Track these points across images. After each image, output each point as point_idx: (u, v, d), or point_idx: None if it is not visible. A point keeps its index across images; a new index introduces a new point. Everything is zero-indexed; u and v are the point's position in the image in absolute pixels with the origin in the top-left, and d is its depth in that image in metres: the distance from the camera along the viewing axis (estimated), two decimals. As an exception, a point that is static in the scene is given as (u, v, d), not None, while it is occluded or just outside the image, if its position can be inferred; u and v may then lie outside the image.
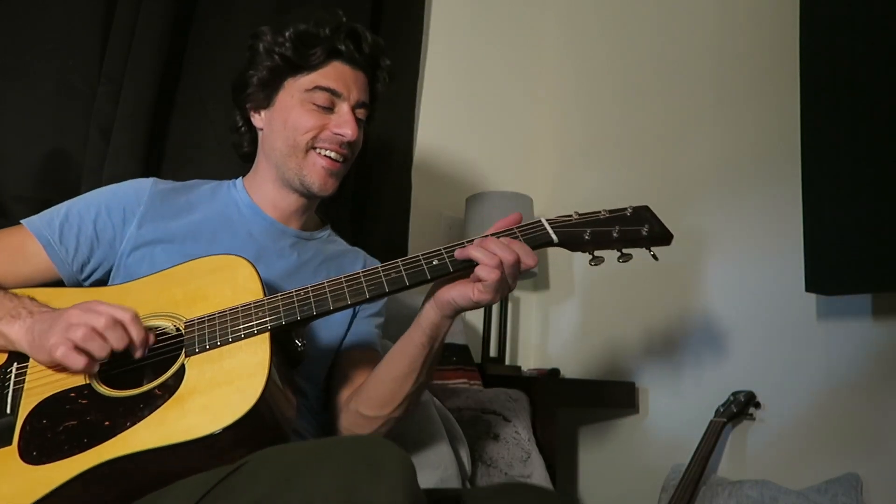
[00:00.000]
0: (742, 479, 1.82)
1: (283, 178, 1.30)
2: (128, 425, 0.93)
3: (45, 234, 1.21)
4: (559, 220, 1.12)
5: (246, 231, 1.30)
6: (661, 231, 1.12)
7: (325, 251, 1.39)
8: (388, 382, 1.16)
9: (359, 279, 1.07)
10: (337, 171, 1.30)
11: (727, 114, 2.11)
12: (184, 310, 1.07)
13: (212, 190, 1.36)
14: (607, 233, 1.10)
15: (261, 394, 0.92)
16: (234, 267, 1.12)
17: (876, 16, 1.67)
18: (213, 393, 0.94)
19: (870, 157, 1.64)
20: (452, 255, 1.06)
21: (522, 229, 1.10)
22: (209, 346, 1.01)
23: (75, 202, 1.26)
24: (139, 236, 1.23)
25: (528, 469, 1.77)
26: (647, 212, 1.14)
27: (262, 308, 1.04)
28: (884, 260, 1.60)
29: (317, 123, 1.27)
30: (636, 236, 1.11)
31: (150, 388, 0.97)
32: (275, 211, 1.34)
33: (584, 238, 1.10)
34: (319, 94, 1.27)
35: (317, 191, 1.29)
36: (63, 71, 1.66)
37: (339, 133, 1.27)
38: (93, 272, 1.25)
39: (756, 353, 1.94)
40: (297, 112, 1.27)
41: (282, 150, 1.28)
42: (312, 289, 1.06)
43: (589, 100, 2.57)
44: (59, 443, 0.93)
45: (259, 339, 1.01)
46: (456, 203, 2.36)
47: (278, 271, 1.28)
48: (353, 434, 1.21)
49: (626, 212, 1.14)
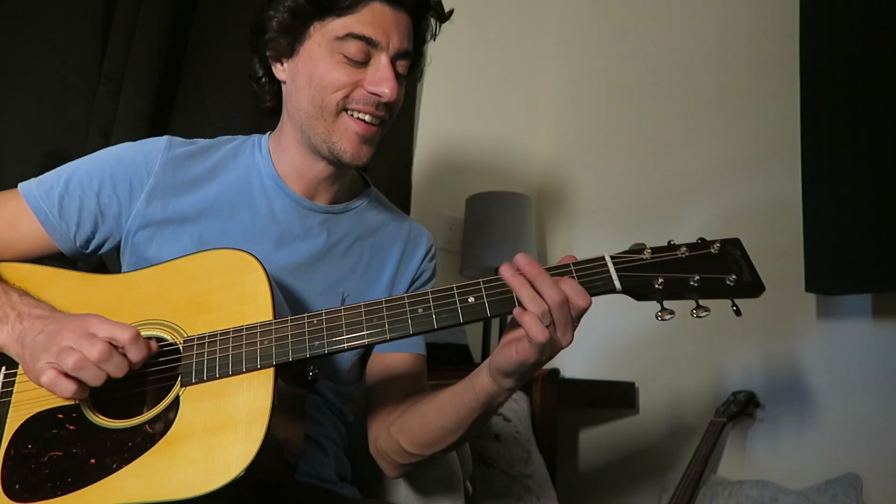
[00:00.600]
0: (742, 479, 1.82)
1: (309, 144, 1.11)
2: (114, 468, 0.86)
3: (43, 207, 1.09)
4: (626, 260, 0.92)
5: (268, 209, 1.14)
6: (751, 281, 0.90)
7: (362, 225, 1.21)
8: (434, 430, 1.04)
9: (381, 311, 0.92)
10: (372, 137, 1.09)
11: (727, 114, 2.11)
12: (185, 320, 0.97)
13: (234, 151, 1.19)
14: (684, 281, 0.89)
15: (258, 449, 0.84)
16: (244, 270, 0.99)
17: (876, 16, 1.67)
18: (208, 442, 0.86)
19: (870, 157, 1.64)
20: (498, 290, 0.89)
21: (579, 268, 0.92)
22: (207, 377, 0.91)
23: (78, 168, 1.12)
24: (147, 214, 1.11)
25: (529, 469, 1.77)
26: (736, 249, 0.92)
27: (269, 334, 0.92)
28: (884, 260, 1.60)
29: (349, 80, 1.05)
30: (719, 288, 0.90)
31: (140, 421, 0.90)
32: (300, 183, 1.15)
33: (654, 286, 0.90)
34: (352, 44, 1.04)
35: (349, 160, 1.08)
36: (63, 71, 1.66)
37: (375, 92, 1.05)
38: (99, 247, 1.14)
39: (756, 353, 1.94)
40: (325, 65, 1.06)
41: (307, 111, 1.08)
42: (327, 317, 0.92)
43: (589, 100, 2.57)
44: (42, 478, 0.88)
45: (262, 375, 0.90)
46: (456, 203, 2.36)
47: (304, 255, 1.14)
48: (389, 459, 1.12)
49: (710, 248, 0.92)
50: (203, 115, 1.82)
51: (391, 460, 1.12)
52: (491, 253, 2.15)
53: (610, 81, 2.51)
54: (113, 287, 1.03)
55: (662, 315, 0.91)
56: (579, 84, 2.62)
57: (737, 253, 0.92)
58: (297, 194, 1.15)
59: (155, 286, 1.01)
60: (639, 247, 0.93)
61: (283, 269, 1.11)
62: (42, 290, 1.02)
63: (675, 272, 0.90)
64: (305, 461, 1.09)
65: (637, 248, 0.93)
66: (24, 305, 0.96)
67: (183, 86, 1.82)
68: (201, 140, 1.20)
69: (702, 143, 2.17)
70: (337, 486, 1.15)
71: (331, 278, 1.15)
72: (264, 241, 1.12)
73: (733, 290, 0.90)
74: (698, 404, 1.98)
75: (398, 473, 1.16)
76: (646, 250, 0.92)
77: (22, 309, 0.95)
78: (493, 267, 2.17)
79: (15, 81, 1.63)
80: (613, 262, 0.91)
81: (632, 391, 2.20)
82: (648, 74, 2.37)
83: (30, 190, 1.10)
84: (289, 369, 0.92)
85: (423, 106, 2.37)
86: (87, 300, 1.01)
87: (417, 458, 1.09)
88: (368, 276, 1.19)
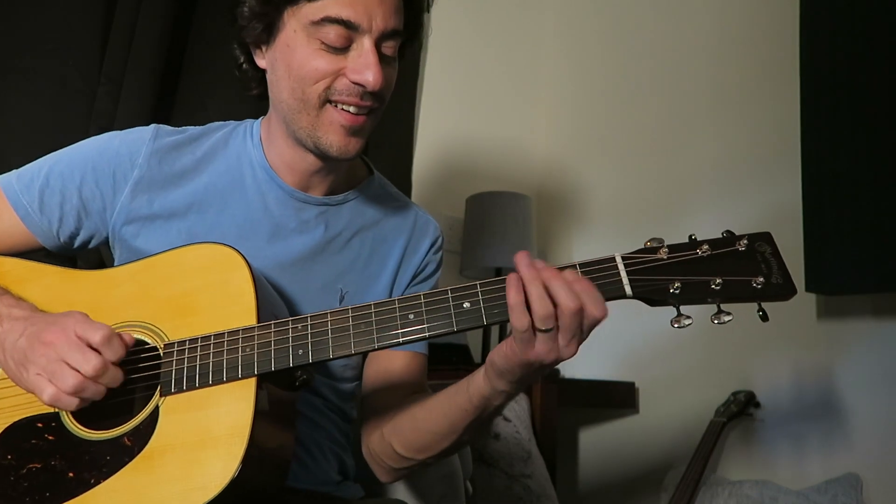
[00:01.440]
0: (742, 479, 1.82)
1: (294, 137, 1.03)
2: (92, 483, 0.84)
3: (23, 202, 1.03)
4: (640, 260, 0.82)
5: (260, 201, 1.08)
6: (781, 283, 0.79)
7: (363, 216, 1.13)
8: (426, 434, 0.99)
9: (369, 317, 0.86)
10: (360, 127, 0.99)
11: (727, 114, 2.11)
12: (167, 323, 0.93)
13: (224, 139, 1.12)
14: (704, 285, 0.79)
15: (239, 467, 0.80)
16: (228, 268, 0.93)
17: (876, 16, 1.67)
18: (187, 457, 0.83)
19: (870, 157, 1.64)
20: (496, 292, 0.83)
21: (586, 269, 0.82)
22: (186, 386, 0.87)
23: (59, 160, 1.06)
24: (132, 209, 1.05)
25: (529, 469, 1.77)
26: (766, 245, 0.82)
27: (251, 341, 0.87)
28: (884, 260, 1.60)
29: (329, 69, 0.96)
30: (744, 291, 0.79)
31: (118, 434, 0.87)
32: (292, 175, 1.08)
33: (670, 291, 0.80)
34: (330, 29, 0.94)
35: (336, 154, 1.00)
36: (63, 71, 1.66)
37: (357, 81, 0.95)
38: (87, 242, 1.08)
39: (756, 353, 1.94)
40: (302, 54, 0.96)
41: (289, 103, 0.99)
42: (312, 323, 0.87)
43: (589, 100, 2.57)
44: (21, 492, 0.87)
45: (244, 386, 0.85)
46: (456, 203, 2.36)
47: (299, 250, 1.07)
48: (382, 463, 1.08)
49: (737, 245, 0.81)
50: (203, 114, 1.82)
51: (384, 464, 1.08)
52: (491, 253, 2.15)
53: (610, 81, 2.51)
54: (95, 284, 0.99)
55: (679, 321, 0.81)
56: (579, 84, 2.62)
57: (766, 250, 0.81)
58: (290, 186, 1.08)
59: (137, 284, 0.97)
60: (655, 244, 0.83)
61: (278, 265, 1.06)
62: (23, 286, 0.99)
63: (694, 274, 0.80)
64: (304, 466, 1.06)
65: (653, 245, 0.83)
66: (2, 305, 0.93)
67: (183, 85, 1.82)
68: (191, 128, 1.13)
69: (702, 143, 2.17)
70: (340, 486, 1.13)
71: (329, 274, 1.09)
72: (257, 236, 1.06)
73: (760, 294, 0.79)
74: (698, 404, 1.98)
75: (391, 478, 1.12)
76: (662, 248, 0.82)
77: (1, 310, 0.92)
78: (493, 267, 2.18)
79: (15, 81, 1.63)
80: (625, 264, 0.82)
81: (632, 391, 2.20)
82: (648, 74, 2.37)
83: (9, 183, 1.05)
84: (274, 376, 0.88)
85: (423, 105, 2.37)
86: (69, 298, 0.98)
87: (411, 464, 1.04)
88: (369, 271, 1.13)
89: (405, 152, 2.24)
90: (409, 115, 2.27)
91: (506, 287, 0.81)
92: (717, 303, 0.81)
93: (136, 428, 0.87)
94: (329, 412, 1.11)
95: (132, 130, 1.10)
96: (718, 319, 0.80)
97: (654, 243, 0.83)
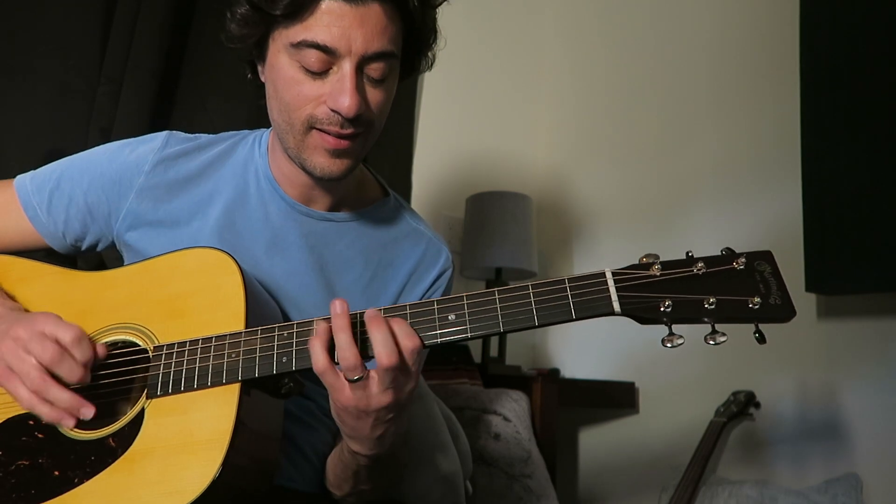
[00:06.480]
0: (742, 479, 1.82)
1: (286, 154, 1.02)
2: (76, 482, 0.86)
3: (33, 202, 1.06)
4: (631, 276, 0.79)
5: (262, 211, 1.07)
6: (779, 304, 0.76)
7: (370, 237, 1.11)
8: (330, 473, 1.04)
9: (354, 326, 0.85)
10: (345, 150, 0.96)
11: (727, 114, 2.11)
12: (158, 325, 0.94)
13: (233, 146, 1.12)
14: (697, 304, 0.77)
15: (216, 473, 0.81)
16: (221, 272, 0.93)
17: (876, 16, 1.67)
18: (167, 461, 0.84)
19: (870, 157, 1.64)
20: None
21: (574, 284, 0.80)
22: (172, 390, 0.88)
23: (71, 164, 1.09)
24: (137, 215, 1.06)
25: (529, 469, 1.77)
26: (766, 264, 0.79)
27: (237, 346, 0.87)
28: (884, 260, 1.60)
29: (311, 94, 0.93)
30: (740, 312, 0.77)
31: (104, 434, 0.89)
32: (293, 188, 1.07)
33: (660, 310, 0.77)
34: (308, 53, 0.91)
35: (320, 174, 0.98)
36: (63, 71, 1.66)
37: (334, 108, 0.92)
38: (94, 245, 1.10)
39: (756, 353, 1.94)
40: (285, 78, 0.94)
41: (279, 123, 0.99)
42: (298, 330, 0.87)
43: (589, 100, 2.57)
44: (8, 488, 0.88)
45: (228, 391, 0.86)
46: (456, 203, 2.36)
47: (298, 264, 1.06)
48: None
49: (734, 263, 0.78)
50: (203, 114, 1.82)
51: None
52: (491, 253, 2.15)
53: (610, 81, 2.51)
54: (91, 285, 1.01)
55: (671, 341, 0.79)
56: (579, 84, 2.62)
57: (766, 269, 0.78)
58: (292, 199, 1.07)
59: (132, 287, 0.98)
60: (648, 260, 0.80)
61: (276, 277, 1.05)
62: (23, 285, 1.01)
63: (687, 293, 0.78)
64: (298, 468, 1.06)
65: (647, 261, 0.80)
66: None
67: (183, 85, 1.82)
68: (203, 135, 1.14)
69: (702, 143, 2.17)
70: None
71: (327, 292, 1.07)
72: (256, 246, 1.06)
73: (757, 314, 0.77)
74: (698, 404, 1.98)
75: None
76: (655, 265, 0.79)
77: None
78: (493, 267, 2.18)
79: (15, 81, 1.63)
80: (615, 279, 0.79)
81: (632, 391, 2.20)
82: (648, 74, 2.37)
83: (23, 184, 1.08)
84: (260, 382, 0.88)
85: (424, 106, 2.37)
86: (66, 298, 1.00)
87: (337, 494, 1.05)
88: (370, 294, 1.10)
89: (405, 152, 2.25)
90: (409, 116, 2.27)
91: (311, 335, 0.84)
92: (711, 322, 0.79)
93: (122, 429, 0.88)
94: (322, 416, 1.11)
95: (145, 138, 1.11)
96: (713, 340, 0.79)
97: (648, 259, 0.81)
